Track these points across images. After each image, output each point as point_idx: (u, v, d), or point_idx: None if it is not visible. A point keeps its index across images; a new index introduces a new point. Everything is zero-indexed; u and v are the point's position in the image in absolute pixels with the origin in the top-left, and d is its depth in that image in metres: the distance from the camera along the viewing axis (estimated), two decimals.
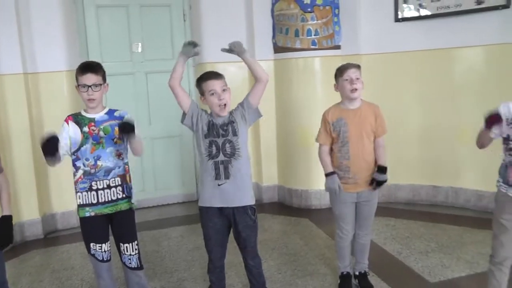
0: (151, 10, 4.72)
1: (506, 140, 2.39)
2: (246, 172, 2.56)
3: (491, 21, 4.02)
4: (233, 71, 4.75)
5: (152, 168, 4.93)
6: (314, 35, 4.29)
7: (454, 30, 4.20)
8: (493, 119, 2.29)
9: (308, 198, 4.59)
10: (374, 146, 2.83)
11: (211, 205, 2.55)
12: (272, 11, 4.53)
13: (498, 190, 2.50)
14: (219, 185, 2.50)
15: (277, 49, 4.54)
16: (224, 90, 2.48)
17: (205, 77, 2.51)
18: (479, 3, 4.05)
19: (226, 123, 2.51)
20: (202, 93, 2.51)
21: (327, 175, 2.82)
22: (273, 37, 4.57)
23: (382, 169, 2.80)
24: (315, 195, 4.45)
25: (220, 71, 4.62)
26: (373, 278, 3.10)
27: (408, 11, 4.37)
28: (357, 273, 3.02)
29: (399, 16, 4.40)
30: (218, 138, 2.49)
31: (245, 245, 2.63)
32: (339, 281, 3.01)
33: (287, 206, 4.77)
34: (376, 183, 2.80)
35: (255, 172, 4.94)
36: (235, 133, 2.51)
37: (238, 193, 2.52)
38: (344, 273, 2.99)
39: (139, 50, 4.74)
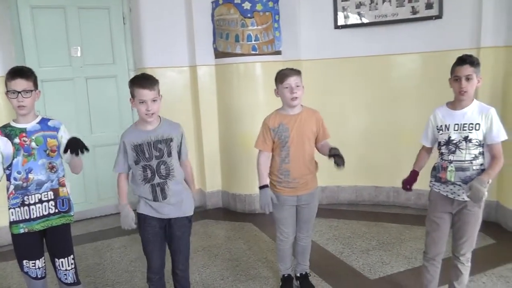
0: (89, 13, 4.55)
1: (438, 145, 2.54)
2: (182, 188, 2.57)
3: (426, 30, 4.24)
4: (174, 76, 4.72)
5: (94, 178, 4.75)
6: (255, 41, 4.31)
7: (392, 37, 4.38)
8: (408, 183, 2.63)
9: (252, 203, 4.60)
10: (319, 146, 2.87)
11: (150, 214, 2.53)
12: (213, 15, 4.52)
13: (431, 190, 2.64)
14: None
15: (218, 54, 4.54)
16: (154, 100, 2.42)
17: (139, 84, 2.42)
18: (414, 13, 4.26)
19: (160, 140, 2.47)
20: (132, 95, 2.45)
21: (260, 187, 2.82)
22: (214, 42, 4.56)
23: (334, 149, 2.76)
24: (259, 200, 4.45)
25: (160, 77, 4.53)
26: (314, 279, 3.15)
27: (347, 18, 4.50)
28: (298, 274, 3.06)
29: (339, 23, 4.52)
30: (151, 161, 2.46)
31: (180, 250, 2.61)
32: (280, 284, 3.03)
33: (232, 211, 4.76)
34: (334, 158, 2.73)
35: (199, 178, 4.90)
36: (169, 154, 2.48)
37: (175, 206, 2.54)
38: (286, 275, 3.02)
39: (78, 54, 4.56)
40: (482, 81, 2.54)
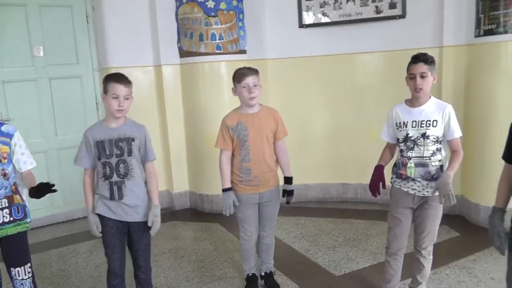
0: (51, 11, 4.41)
1: (397, 142, 2.58)
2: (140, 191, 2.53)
3: (389, 29, 4.30)
4: (139, 76, 4.64)
5: (59, 181, 4.62)
6: (219, 40, 4.29)
7: (356, 36, 4.43)
8: (374, 184, 2.57)
9: (219, 203, 4.53)
10: (275, 149, 2.88)
11: (106, 215, 2.48)
12: (177, 14, 4.46)
13: (392, 186, 2.68)
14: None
15: (183, 53, 4.49)
16: (127, 98, 2.42)
17: (115, 79, 2.42)
18: (378, 12, 4.31)
19: (122, 138, 2.44)
20: (105, 91, 2.43)
21: (223, 190, 2.81)
22: (178, 41, 4.51)
23: (288, 180, 2.92)
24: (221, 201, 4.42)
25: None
26: (280, 277, 3.15)
27: (312, 18, 4.52)
28: (263, 273, 3.05)
29: (303, 22, 4.53)
30: (111, 159, 2.43)
31: (138, 254, 2.57)
32: (245, 284, 3.02)
33: (199, 211, 4.72)
34: (287, 194, 2.91)
35: (166, 179, 4.85)
36: (130, 153, 2.45)
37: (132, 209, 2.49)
38: (250, 274, 3.01)
39: (41, 54, 4.41)
40: (437, 78, 2.59)
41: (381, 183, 2.57)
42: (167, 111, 4.65)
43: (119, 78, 2.42)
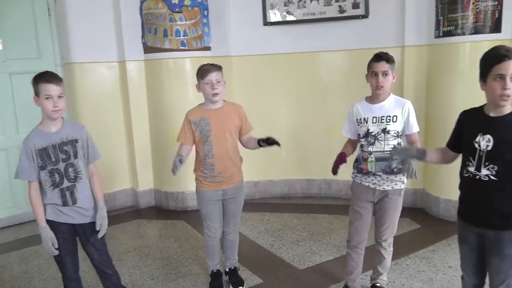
0: (11, 3, 4.25)
1: (358, 137, 2.63)
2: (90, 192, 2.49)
3: (353, 29, 4.39)
4: (103, 72, 4.57)
5: (22, 181, 4.48)
6: (183, 36, 4.25)
7: (320, 35, 4.49)
8: (335, 164, 2.58)
9: (184, 200, 4.55)
10: (244, 142, 2.89)
11: (60, 220, 2.42)
12: (141, 9, 4.39)
13: (353, 181, 2.74)
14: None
15: (147, 49, 4.43)
16: (60, 97, 2.32)
17: (45, 79, 2.30)
18: (341, 11, 4.38)
19: (65, 141, 2.37)
20: (37, 94, 2.32)
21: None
22: (143, 36, 4.44)
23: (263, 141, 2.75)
24: (191, 196, 4.36)
25: (88, 72, 4.48)
26: (244, 272, 3.17)
27: (276, 15, 4.54)
28: (227, 269, 3.07)
29: (268, 20, 4.55)
30: (58, 164, 2.35)
31: (97, 255, 2.53)
32: (210, 280, 3.02)
33: (164, 209, 4.68)
34: (263, 143, 2.74)
35: (131, 177, 4.78)
36: (76, 156, 2.39)
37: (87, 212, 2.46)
38: (214, 271, 3.02)
39: (0, 47, 4.25)
40: (399, 78, 2.66)
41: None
42: (132, 108, 4.58)
43: (49, 77, 2.31)
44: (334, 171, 2.60)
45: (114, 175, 4.68)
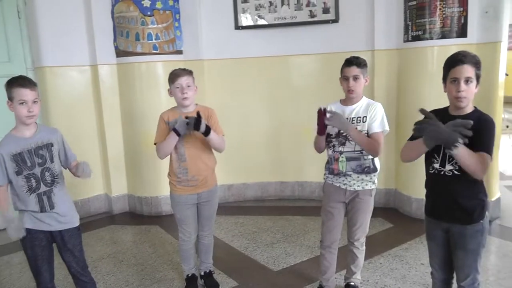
0: None
1: (328, 137, 2.66)
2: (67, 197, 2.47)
3: (323, 33, 4.45)
4: (74, 76, 4.50)
5: None
6: (155, 40, 4.23)
7: (291, 39, 4.54)
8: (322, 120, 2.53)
9: (158, 205, 4.51)
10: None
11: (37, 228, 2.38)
12: (112, 12, 4.34)
13: (325, 182, 2.78)
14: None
15: (119, 53, 4.38)
16: (35, 102, 2.29)
17: (19, 84, 2.27)
18: (312, 16, 4.45)
19: (40, 146, 2.34)
20: (10, 98, 2.28)
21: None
22: (115, 40, 4.39)
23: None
24: (165, 201, 4.33)
25: (60, 76, 4.40)
26: (219, 276, 3.17)
27: (248, 20, 4.57)
28: (202, 273, 3.06)
29: (239, 24, 4.58)
30: (34, 169, 2.32)
31: (74, 263, 2.49)
32: (185, 284, 3.01)
33: (138, 215, 4.62)
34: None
35: (104, 182, 4.72)
36: (52, 159, 2.37)
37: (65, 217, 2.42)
38: (190, 275, 3.01)
39: None
40: (370, 80, 2.72)
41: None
42: (104, 112, 4.52)
43: (23, 82, 2.27)
44: (322, 131, 2.59)
45: (87, 181, 4.53)
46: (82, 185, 4.46)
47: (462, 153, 1.86)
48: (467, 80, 1.98)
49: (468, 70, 1.98)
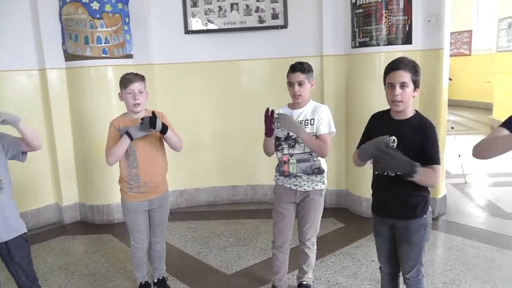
0: None
1: (277, 140, 2.70)
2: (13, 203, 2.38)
3: (273, 38, 4.53)
4: (22, 81, 4.34)
5: None
6: (105, 43, 4.14)
7: (241, 44, 4.58)
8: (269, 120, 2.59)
9: (110, 213, 4.41)
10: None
11: None
12: (60, 14, 4.21)
13: (276, 183, 2.82)
14: None
15: (68, 56, 4.25)
16: None
17: None
18: (261, 22, 4.52)
19: None
20: None
21: None
22: (63, 43, 4.26)
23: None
24: (117, 209, 4.24)
25: (7, 81, 4.24)
26: (173, 282, 3.15)
27: (198, 24, 4.57)
28: (155, 280, 3.04)
29: (189, 29, 4.57)
30: None
31: (22, 276, 2.40)
32: None
33: (90, 224, 4.49)
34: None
35: (54, 191, 4.56)
36: None
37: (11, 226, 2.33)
38: (143, 282, 2.97)
39: None
40: (319, 85, 2.79)
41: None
42: (54, 118, 4.36)
43: None
44: (270, 132, 2.63)
45: (36, 190, 4.43)
46: (31, 195, 4.35)
47: (420, 178, 1.99)
48: (403, 85, 2.07)
49: (402, 76, 2.07)
